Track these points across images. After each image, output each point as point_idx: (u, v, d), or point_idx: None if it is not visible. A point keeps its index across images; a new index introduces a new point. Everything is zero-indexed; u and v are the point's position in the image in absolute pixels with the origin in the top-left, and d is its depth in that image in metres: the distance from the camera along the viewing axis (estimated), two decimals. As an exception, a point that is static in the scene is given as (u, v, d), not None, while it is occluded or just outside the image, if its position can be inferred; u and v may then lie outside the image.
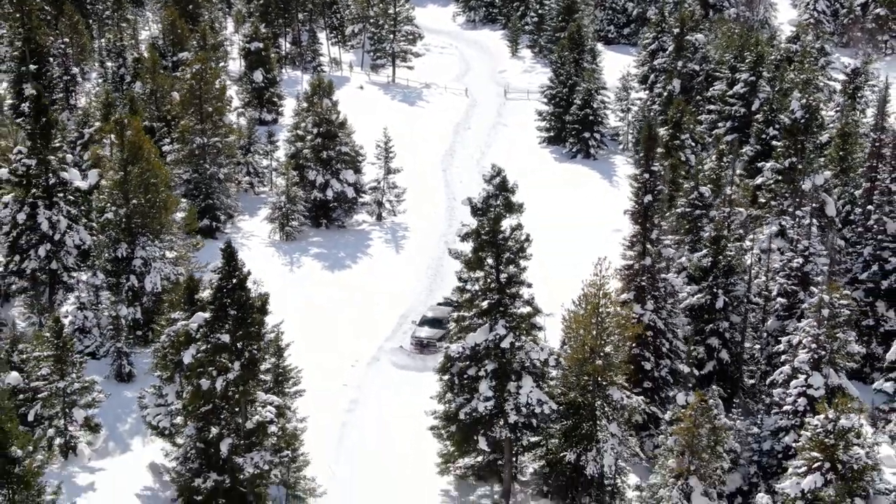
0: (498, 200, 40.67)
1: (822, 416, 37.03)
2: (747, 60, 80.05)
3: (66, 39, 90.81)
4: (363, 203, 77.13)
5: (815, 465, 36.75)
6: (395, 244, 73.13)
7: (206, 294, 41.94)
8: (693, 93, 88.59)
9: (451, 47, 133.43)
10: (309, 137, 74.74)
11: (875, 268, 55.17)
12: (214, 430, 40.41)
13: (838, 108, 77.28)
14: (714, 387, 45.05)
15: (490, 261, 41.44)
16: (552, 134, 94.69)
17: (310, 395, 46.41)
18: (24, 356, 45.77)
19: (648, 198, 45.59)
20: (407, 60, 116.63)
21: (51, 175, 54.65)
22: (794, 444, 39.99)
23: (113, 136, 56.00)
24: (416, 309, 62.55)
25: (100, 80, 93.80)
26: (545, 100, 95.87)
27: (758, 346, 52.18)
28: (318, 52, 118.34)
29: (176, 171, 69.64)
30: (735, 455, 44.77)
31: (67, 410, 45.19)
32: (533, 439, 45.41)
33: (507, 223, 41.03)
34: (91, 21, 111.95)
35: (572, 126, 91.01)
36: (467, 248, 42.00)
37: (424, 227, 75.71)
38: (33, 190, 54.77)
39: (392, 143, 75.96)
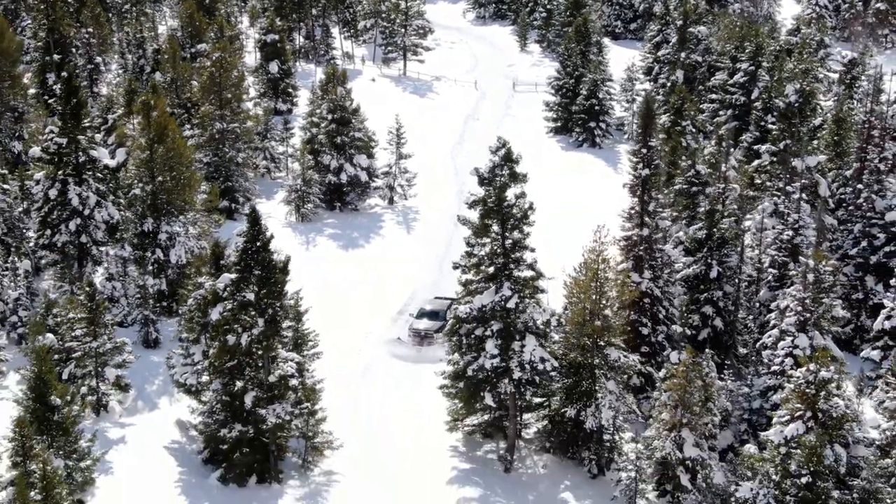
0: (503, 170, 43.51)
1: (803, 368, 39.75)
2: (747, 51, 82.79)
3: (90, 30, 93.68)
4: (376, 187, 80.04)
5: (798, 414, 39.47)
6: (406, 226, 76.07)
7: (231, 259, 45.02)
8: (696, 83, 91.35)
9: (461, 43, 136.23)
10: (323, 123, 77.78)
11: (864, 244, 57.84)
12: (239, 384, 43.40)
13: (836, 98, 79.93)
14: (708, 350, 47.83)
15: (496, 227, 44.31)
16: (559, 124, 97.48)
17: (326, 363, 49.15)
18: (58, 319, 48.72)
19: (646, 171, 48.46)
20: (418, 54, 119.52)
21: (80, 153, 57.58)
22: (780, 401, 42.64)
23: (140, 116, 58.92)
24: (426, 287, 65.25)
25: (120, 71, 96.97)
26: (552, 91, 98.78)
27: (751, 318, 54.82)
28: (331, 46, 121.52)
29: (196, 156, 72.55)
30: (726, 413, 47.50)
31: (100, 370, 48.17)
32: (537, 400, 48.39)
33: (511, 192, 43.89)
34: (111, 15, 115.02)
35: (578, 116, 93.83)
36: (475, 216, 44.84)
37: (434, 211, 78.49)
38: (64, 167, 57.60)
39: (403, 129, 78.90)
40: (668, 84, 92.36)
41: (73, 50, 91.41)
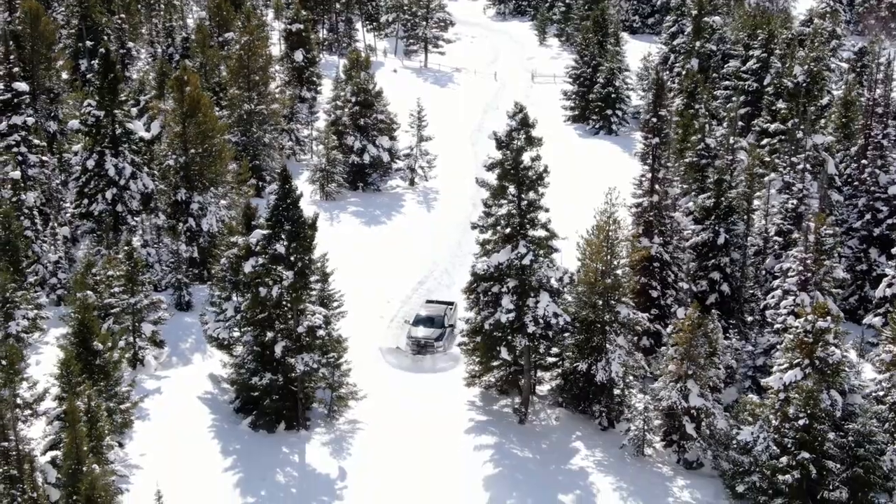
0: (520, 134, 46.01)
1: (802, 319, 42.07)
2: (759, 38, 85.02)
3: (122, 16, 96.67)
4: (397, 169, 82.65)
5: (796, 361, 41.82)
6: (426, 205, 78.64)
7: (261, 220, 47.70)
8: (710, 71, 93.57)
9: (481, 37, 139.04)
10: (347, 106, 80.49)
11: (868, 217, 60.09)
12: (269, 335, 46.00)
13: (845, 84, 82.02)
14: (714, 312, 50.17)
15: (512, 189, 46.80)
16: (576, 112, 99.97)
17: (348, 322, 51.62)
18: (98, 278, 51.40)
19: (655, 140, 50.88)
20: (438, 46, 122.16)
21: (117, 126, 60.33)
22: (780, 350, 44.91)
23: (174, 91, 61.74)
24: (447, 260, 67.73)
25: (150, 60, 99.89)
26: (570, 80, 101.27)
27: (757, 286, 57.03)
28: (354, 39, 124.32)
29: (225, 136, 75.19)
30: (731, 371, 49.93)
31: (137, 325, 50.85)
32: (550, 359, 50.86)
33: (527, 155, 46.39)
34: (140, 6, 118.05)
35: (595, 104, 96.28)
36: (492, 178, 47.36)
37: (454, 192, 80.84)
38: (101, 139, 60.36)
39: (424, 111, 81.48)
40: (683, 72, 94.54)
41: (105, 38, 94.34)
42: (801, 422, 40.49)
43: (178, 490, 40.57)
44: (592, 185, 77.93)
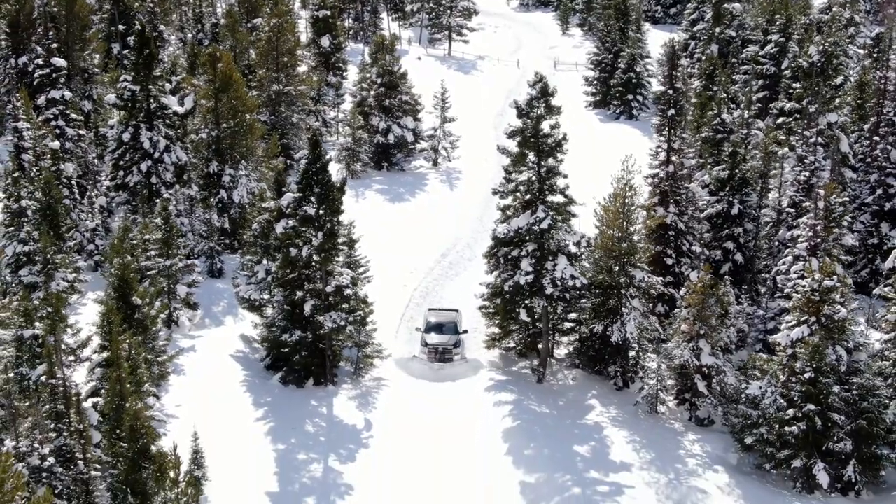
0: (540, 103, 47.97)
1: (809, 278, 43.84)
2: (778, 23, 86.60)
3: (154, 0, 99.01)
4: (421, 149, 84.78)
5: (803, 319, 43.60)
6: (449, 184, 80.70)
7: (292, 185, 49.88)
8: (729, 57, 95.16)
9: (505, 27, 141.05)
10: (373, 88, 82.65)
11: (880, 192, 61.65)
12: (299, 294, 48.17)
13: (861, 69, 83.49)
14: (727, 278, 51.96)
15: (532, 156, 48.76)
16: (598, 98, 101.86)
17: (374, 287, 53.69)
18: (134, 242, 53.65)
19: (671, 112, 52.71)
20: (462, 35, 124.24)
21: (152, 100, 62.53)
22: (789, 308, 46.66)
23: (206, 67, 64.03)
24: (469, 236, 69.67)
25: (180, 45, 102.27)
26: (591, 66, 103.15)
27: (770, 257, 58.69)
28: (379, 27, 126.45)
29: (255, 115, 77.47)
30: (743, 334, 51.73)
31: (172, 287, 53.09)
32: (568, 325, 52.82)
33: (546, 123, 48.35)
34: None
35: (616, 89, 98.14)
36: (513, 145, 49.34)
37: (476, 172, 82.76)
38: (137, 113, 62.60)
39: (448, 93, 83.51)
40: (703, 58, 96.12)
41: (136, 22, 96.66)
42: (806, 375, 42.28)
43: (212, 437, 42.57)
44: (612, 165, 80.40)
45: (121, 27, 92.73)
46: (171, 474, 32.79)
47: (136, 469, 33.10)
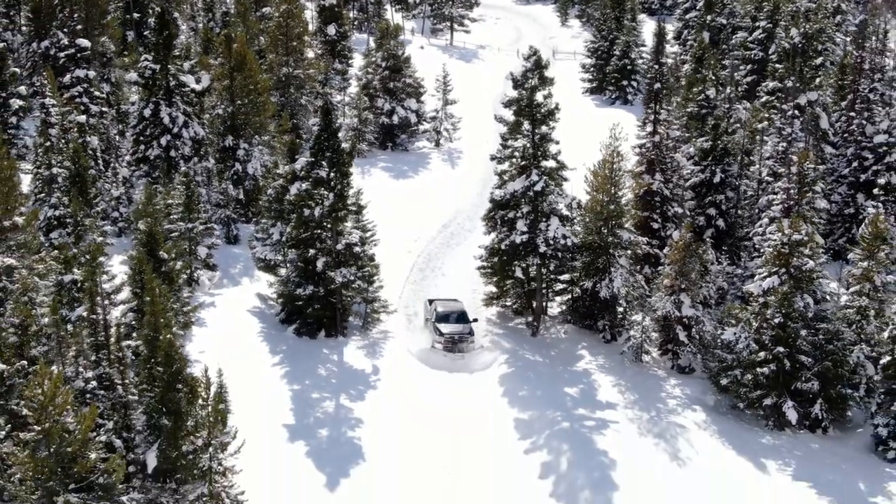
0: (534, 74, 51.97)
1: (779, 232, 47.80)
2: (765, 10, 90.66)
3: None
4: (424, 131, 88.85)
5: (774, 270, 47.58)
6: (451, 162, 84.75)
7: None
8: (720, 44, 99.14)
9: (505, 19, 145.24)
10: (378, 71, 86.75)
11: (856, 164, 65.62)
12: (312, 252, 52.20)
13: (843, 53, 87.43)
14: (708, 239, 55.96)
15: (526, 125, 52.77)
16: (594, 84, 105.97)
17: (380, 250, 57.66)
18: (157, 207, 57.56)
19: (657, 85, 56.71)
20: (464, 25, 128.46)
21: (171, 78, 66.51)
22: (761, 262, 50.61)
23: (222, 47, 68.10)
24: (469, 209, 73.55)
25: (191, 33, 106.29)
26: (588, 54, 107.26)
27: (751, 225, 62.61)
28: (383, 18, 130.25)
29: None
30: (723, 291, 55.73)
31: (193, 248, 57.08)
32: (559, 286, 56.83)
33: (540, 94, 52.35)
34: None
35: (612, 76, 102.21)
36: (509, 114, 53.35)
37: (476, 152, 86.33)
38: (156, 91, 66.58)
39: (450, 77, 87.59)
40: (695, 45, 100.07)
41: (150, 10, 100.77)
42: (776, 321, 46.32)
43: (233, 379, 46.40)
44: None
45: (135, 15, 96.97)
46: (203, 393, 36.77)
47: (171, 390, 37.01)
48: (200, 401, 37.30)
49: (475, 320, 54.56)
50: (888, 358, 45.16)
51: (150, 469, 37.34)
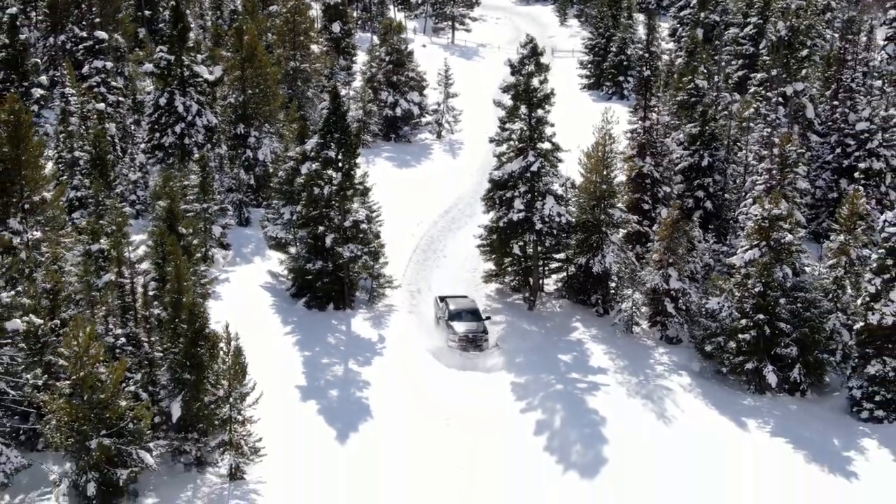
0: (531, 61, 55.14)
1: (760, 208, 50.91)
2: (756, 6, 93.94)
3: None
4: (426, 123, 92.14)
5: (755, 243, 50.69)
6: (452, 153, 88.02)
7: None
8: (713, 41, 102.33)
9: (505, 19, 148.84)
10: (382, 65, 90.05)
11: (839, 151, 68.76)
12: (321, 229, 55.36)
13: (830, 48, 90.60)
14: (695, 219, 59.05)
15: (523, 108, 55.95)
16: (591, 80, 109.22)
17: (386, 230, 60.78)
18: (174, 189, 60.65)
19: (647, 72, 59.89)
20: (465, 24, 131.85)
21: (184, 69, 69.72)
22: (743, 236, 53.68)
23: (233, 40, 71.34)
24: (469, 196, 76.67)
25: (200, 31, 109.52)
26: (586, 51, 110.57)
27: (737, 207, 65.69)
28: (386, 17, 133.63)
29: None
30: (709, 268, 58.76)
31: (208, 227, 60.20)
32: (554, 265, 59.96)
33: (536, 80, 55.52)
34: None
35: (608, 71, 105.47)
36: (507, 99, 56.54)
37: (477, 144, 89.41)
38: (171, 81, 69.75)
39: (451, 71, 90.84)
40: (689, 41, 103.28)
41: (161, 7, 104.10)
42: (757, 290, 49.43)
43: (247, 345, 49.63)
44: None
45: (146, 13, 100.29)
46: (224, 347, 39.91)
47: (194, 346, 40.16)
48: (222, 354, 40.39)
49: (488, 318, 55.24)
50: (861, 323, 48.20)
51: (175, 419, 40.49)
